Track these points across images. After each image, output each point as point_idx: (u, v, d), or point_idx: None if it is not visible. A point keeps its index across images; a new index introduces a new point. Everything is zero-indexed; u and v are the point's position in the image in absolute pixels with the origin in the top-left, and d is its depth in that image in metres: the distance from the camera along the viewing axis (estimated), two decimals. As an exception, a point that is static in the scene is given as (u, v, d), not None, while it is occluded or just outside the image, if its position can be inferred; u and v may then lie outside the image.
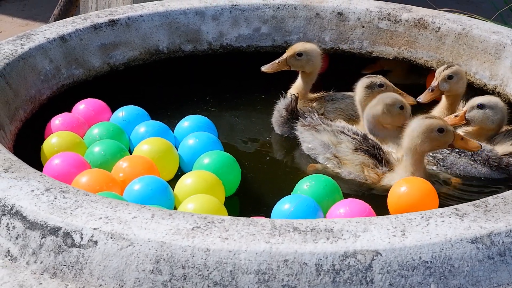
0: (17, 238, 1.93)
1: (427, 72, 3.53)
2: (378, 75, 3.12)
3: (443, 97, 3.17)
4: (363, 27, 3.55)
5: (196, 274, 1.79)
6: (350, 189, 2.76)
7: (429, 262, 1.81)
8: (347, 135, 2.83)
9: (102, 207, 1.94)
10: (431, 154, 2.85)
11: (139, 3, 3.55)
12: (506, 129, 3.00)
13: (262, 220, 1.89)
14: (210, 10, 3.54)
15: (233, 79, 3.62)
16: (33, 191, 2.02)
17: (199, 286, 1.78)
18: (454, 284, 1.81)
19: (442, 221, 1.90)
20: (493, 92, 3.17)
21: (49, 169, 2.61)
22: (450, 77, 3.07)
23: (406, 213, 1.96)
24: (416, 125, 2.65)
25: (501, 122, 2.98)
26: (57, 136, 2.81)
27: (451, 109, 3.13)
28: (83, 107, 3.07)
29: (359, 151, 2.76)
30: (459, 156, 2.83)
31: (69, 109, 3.06)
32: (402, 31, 3.49)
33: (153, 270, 1.81)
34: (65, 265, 1.87)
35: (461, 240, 1.85)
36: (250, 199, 2.72)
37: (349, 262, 1.79)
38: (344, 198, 2.51)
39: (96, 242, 1.85)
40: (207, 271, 1.79)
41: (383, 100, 2.90)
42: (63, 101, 3.10)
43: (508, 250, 1.86)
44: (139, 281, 1.81)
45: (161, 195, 2.46)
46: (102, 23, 3.32)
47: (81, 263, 1.85)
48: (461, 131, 2.99)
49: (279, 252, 1.80)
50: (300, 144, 3.01)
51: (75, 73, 3.19)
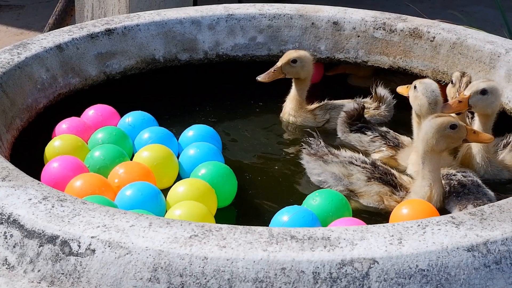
0: (14, 247, 1.93)
1: (391, 75, 3.58)
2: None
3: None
4: (358, 36, 3.57)
5: (194, 283, 1.79)
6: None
7: (425, 270, 1.82)
8: (356, 165, 2.75)
9: (100, 215, 1.94)
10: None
11: (136, 12, 3.56)
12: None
13: (259, 229, 1.90)
14: (206, 19, 3.55)
15: (229, 88, 3.63)
16: (30, 199, 2.02)
17: (197, 294, 1.79)
18: (450, 292, 1.82)
19: (439, 229, 1.91)
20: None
21: (47, 172, 2.63)
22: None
23: (403, 221, 1.97)
24: (428, 126, 2.60)
25: (497, 109, 2.90)
26: (60, 139, 2.83)
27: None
28: (92, 112, 3.09)
29: (372, 180, 2.69)
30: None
31: (66, 117, 3.06)
32: (397, 40, 3.51)
33: (150, 279, 1.81)
34: (62, 274, 1.87)
35: (457, 248, 1.86)
36: (247, 210, 2.72)
37: (346, 270, 1.80)
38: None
39: (93, 251, 1.86)
40: (205, 279, 1.79)
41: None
42: (59, 110, 3.10)
43: (504, 258, 1.87)
44: (136, 289, 1.81)
45: (152, 201, 2.46)
46: (99, 32, 3.33)
47: (78, 272, 1.86)
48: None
49: (276, 260, 1.80)
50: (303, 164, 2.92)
51: (71, 82, 3.20)
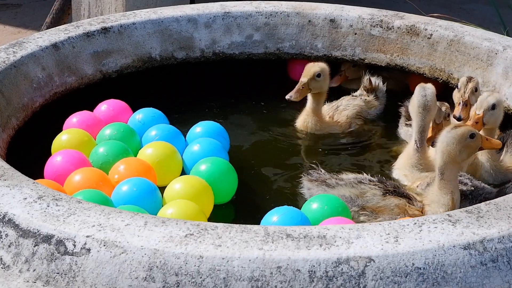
0: (9, 246, 1.93)
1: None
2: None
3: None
4: (355, 34, 3.56)
5: (189, 282, 1.79)
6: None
7: (422, 269, 1.81)
8: (366, 184, 2.69)
9: (95, 214, 1.94)
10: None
11: (132, 11, 3.55)
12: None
13: (255, 227, 1.89)
14: (203, 17, 3.54)
15: (226, 87, 3.63)
16: (25, 199, 2.02)
17: (192, 294, 1.78)
18: (447, 290, 1.81)
19: (435, 228, 1.90)
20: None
21: (50, 166, 2.66)
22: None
23: (399, 220, 1.97)
24: (449, 138, 2.56)
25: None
26: (67, 133, 2.85)
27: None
28: (104, 107, 3.10)
29: (388, 194, 2.64)
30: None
31: (62, 117, 3.06)
32: (394, 38, 3.50)
33: (146, 278, 1.80)
34: (58, 273, 1.86)
35: (454, 246, 1.85)
36: (247, 207, 2.72)
37: (342, 269, 1.79)
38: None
39: (89, 250, 1.85)
40: (200, 278, 1.79)
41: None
42: (55, 109, 3.10)
43: (500, 256, 1.87)
44: (132, 288, 1.81)
45: (148, 197, 2.48)
46: (95, 31, 3.32)
47: (74, 271, 1.85)
48: None
49: (272, 259, 1.80)
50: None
51: (67, 81, 3.19)
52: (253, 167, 2.99)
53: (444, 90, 3.36)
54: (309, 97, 3.26)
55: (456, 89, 3.03)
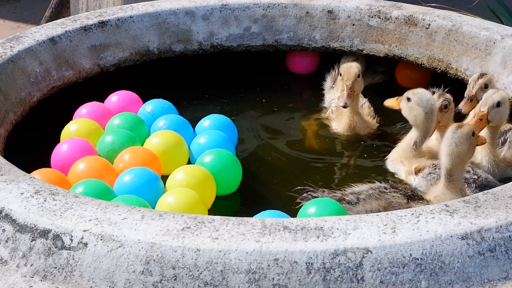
0: (7, 241, 1.93)
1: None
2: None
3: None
4: (353, 25, 3.55)
5: (186, 275, 1.79)
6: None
7: (419, 259, 1.81)
8: (388, 193, 2.61)
9: (92, 208, 1.94)
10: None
11: (129, 4, 3.54)
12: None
13: (252, 220, 1.89)
14: (200, 10, 3.54)
15: (224, 79, 3.62)
16: (22, 193, 2.02)
17: (190, 287, 1.78)
18: (444, 280, 1.81)
19: (432, 218, 1.90)
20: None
21: (57, 154, 2.69)
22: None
23: (396, 210, 1.96)
24: (457, 139, 2.55)
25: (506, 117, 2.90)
26: (76, 123, 2.87)
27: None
28: (115, 98, 3.12)
29: (410, 200, 2.60)
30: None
31: (60, 111, 3.06)
32: (392, 28, 3.49)
33: (143, 271, 1.80)
34: (55, 268, 1.86)
35: (451, 237, 1.85)
36: (251, 199, 2.72)
37: (339, 260, 1.79)
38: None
39: (86, 244, 1.85)
40: (198, 271, 1.78)
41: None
42: (53, 103, 3.10)
43: (498, 246, 1.86)
44: (129, 282, 1.81)
45: (149, 187, 2.49)
46: (92, 25, 3.31)
47: (71, 265, 1.85)
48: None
49: (269, 251, 1.79)
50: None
51: (65, 75, 3.19)
52: (259, 159, 3.00)
53: (443, 80, 3.35)
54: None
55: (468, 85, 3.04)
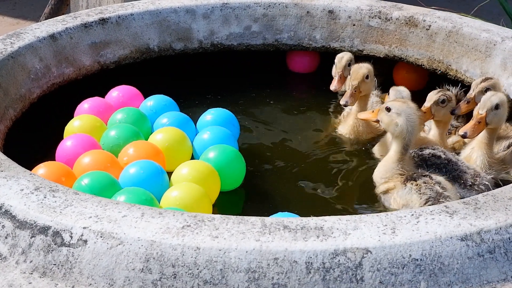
0: (6, 238, 1.92)
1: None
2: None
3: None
4: (354, 25, 3.55)
5: (186, 273, 1.79)
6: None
7: (419, 260, 1.81)
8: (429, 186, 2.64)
9: (92, 206, 1.94)
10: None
11: (130, 2, 3.54)
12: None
13: (252, 219, 1.89)
14: (201, 8, 3.54)
15: (224, 78, 3.62)
16: (22, 190, 2.01)
17: (189, 285, 1.78)
18: (444, 281, 1.81)
19: (432, 219, 1.90)
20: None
21: (61, 150, 2.72)
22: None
23: (396, 211, 1.97)
24: (411, 113, 2.71)
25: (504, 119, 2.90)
26: (79, 119, 2.89)
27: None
28: (116, 93, 3.14)
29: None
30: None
31: (59, 108, 3.06)
32: (392, 29, 3.49)
33: (143, 269, 1.80)
34: (54, 264, 1.86)
35: (451, 238, 1.85)
36: (255, 194, 2.74)
37: (339, 260, 1.79)
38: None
39: (85, 241, 1.85)
40: (197, 269, 1.78)
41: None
42: (53, 100, 3.10)
43: (497, 248, 1.86)
44: (129, 280, 1.81)
45: (155, 179, 2.52)
46: (93, 22, 3.31)
47: (70, 262, 1.85)
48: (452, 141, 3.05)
49: (269, 250, 1.79)
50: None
51: (65, 72, 3.18)
52: (262, 154, 3.01)
53: (443, 81, 3.35)
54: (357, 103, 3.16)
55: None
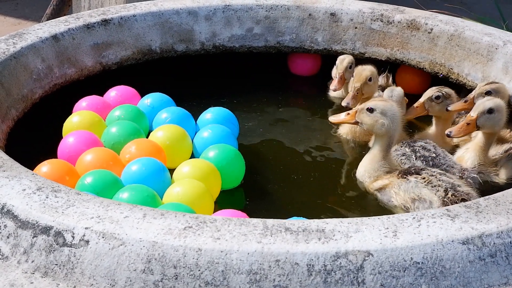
0: (8, 237, 1.93)
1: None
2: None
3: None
4: (355, 28, 3.56)
5: (187, 274, 1.79)
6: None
7: (420, 263, 1.81)
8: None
9: (94, 206, 1.94)
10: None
11: (132, 3, 3.54)
12: (509, 152, 2.91)
13: (254, 220, 1.89)
14: (203, 10, 3.54)
15: (226, 79, 3.62)
16: (24, 190, 2.02)
17: (191, 286, 1.78)
18: (445, 285, 1.81)
19: (434, 222, 1.90)
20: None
21: (63, 146, 2.74)
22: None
23: (398, 214, 1.97)
24: (395, 112, 2.77)
25: (503, 125, 2.91)
26: (78, 115, 2.91)
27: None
28: (114, 93, 3.16)
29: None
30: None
31: (61, 108, 3.06)
32: (394, 32, 3.50)
33: (144, 270, 1.80)
34: (56, 264, 1.86)
35: (452, 241, 1.85)
36: (254, 193, 2.75)
37: (340, 263, 1.79)
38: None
39: (87, 242, 1.85)
40: (199, 271, 1.79)
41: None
42: (55, 100, 3.10)
43: (499, 251, 1.87)
44: (130, 280, 1.81)
45: (157, 177, 2.53)
46: (95, 23, 3.31)
47: (72, 263, 1.85)
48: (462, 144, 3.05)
49: (270, 252, 1.80)
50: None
51: (67, 73, 3.19)
52: (262, 154, 3.02)
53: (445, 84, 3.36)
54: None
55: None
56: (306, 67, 3.76)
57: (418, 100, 3.08)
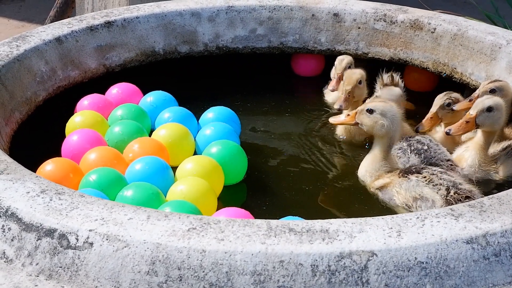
0: (12, 240, 1.93)
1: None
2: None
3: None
4: (359, 28, 3.56)
5: (191, 275, 1.79)
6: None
7: (424, 263, 1.81)
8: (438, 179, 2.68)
9: (98, 208, 1.94)
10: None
11: (135, 5, 3.55)
12: (508, 149, 2.91)
13: (258, 221, 1.89)
14: (206, 11, 3.54)
15: (229, 80, 3.63)
16: (28, 192, 2.02)
17: (195, 287, 1.78)
18: (449, 284, 1.81)
19: (438, 222, 1.90)
20: (489, 93, 3.16)
21: (67, 145, 2.76)
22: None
23: (402, 213, 1.97)
24: (395, 113, 2.78)
25: (504, 124, 2.93)
26: (81, 115, 2.93)
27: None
28: (115, 91, 3.18)
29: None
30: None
31: (65, 111, 3.07)
32: (398, 32, 3.49)
33: (148, 272, 1.81)
34: (60, 267, 1.86)
35: (456, 241, 1.85)
36: (256, 189, 2.76)
37: (344, 263, 1.79)
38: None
39: (91, 244, 1.85)
40: (203, 272, 1.79)
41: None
42: (59, 103, 3.10)
43: (503, 251, 1.86)
44: (134, 282, 1.81)
45: (160, 175, 2.56)
46: (98, 25, 3.32)
47: (76, 265, 1.85)
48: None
49: (274, 253, 1.80)
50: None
51: (71, 75, 3.19)
52: (264, 152, 3.03)
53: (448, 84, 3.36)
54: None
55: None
56: (310, 67, 3.76)
57: (430, 110, 3.04)
